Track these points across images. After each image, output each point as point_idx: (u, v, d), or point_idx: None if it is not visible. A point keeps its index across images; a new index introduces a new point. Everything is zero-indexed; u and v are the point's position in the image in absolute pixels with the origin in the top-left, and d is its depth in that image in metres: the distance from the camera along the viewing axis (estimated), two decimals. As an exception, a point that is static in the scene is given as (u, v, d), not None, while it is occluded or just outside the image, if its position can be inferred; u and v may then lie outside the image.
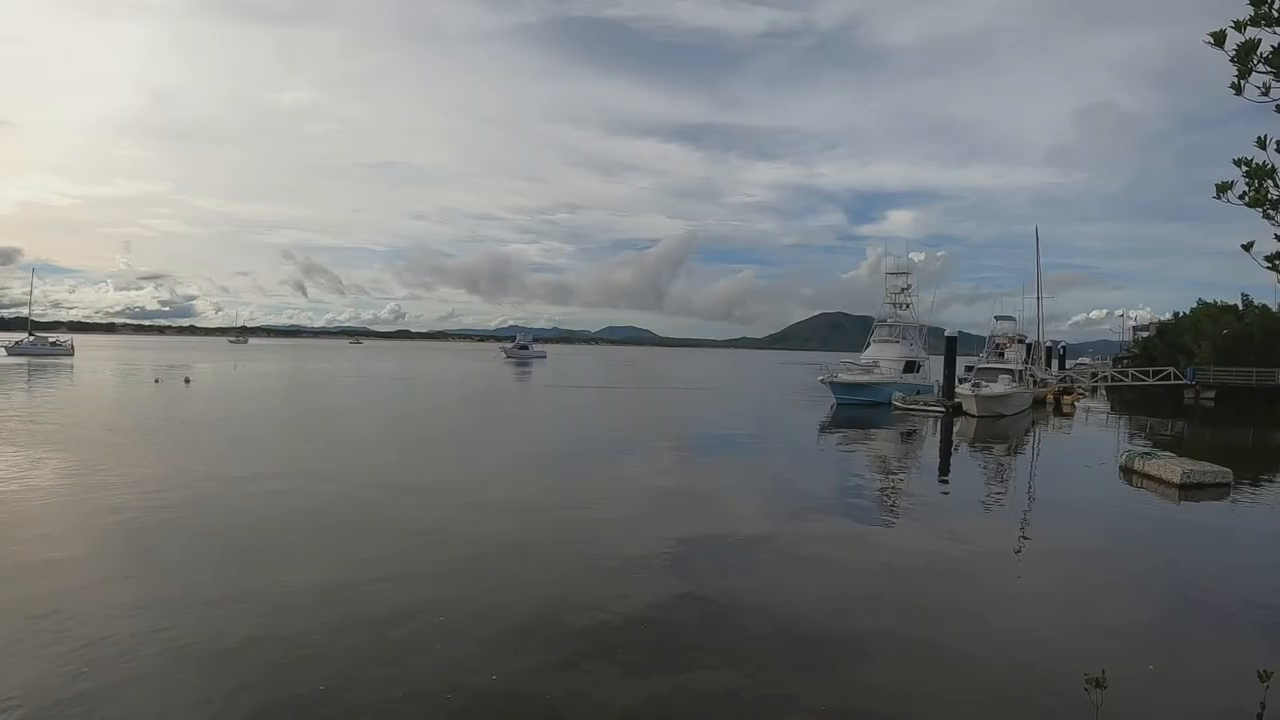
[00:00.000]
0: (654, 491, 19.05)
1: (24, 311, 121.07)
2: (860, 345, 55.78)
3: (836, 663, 8.79)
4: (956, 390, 42.96)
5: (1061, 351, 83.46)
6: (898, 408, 43.50)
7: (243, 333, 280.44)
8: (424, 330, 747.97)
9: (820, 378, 49.65)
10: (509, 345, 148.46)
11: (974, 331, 60.77)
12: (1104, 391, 64.41)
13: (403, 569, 11.85)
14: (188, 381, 56.62)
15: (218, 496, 16.87)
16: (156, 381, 56.00)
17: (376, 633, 9.29)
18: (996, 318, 57.12)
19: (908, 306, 54.84)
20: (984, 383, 42.91)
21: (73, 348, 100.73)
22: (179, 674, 8.08)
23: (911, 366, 50.43)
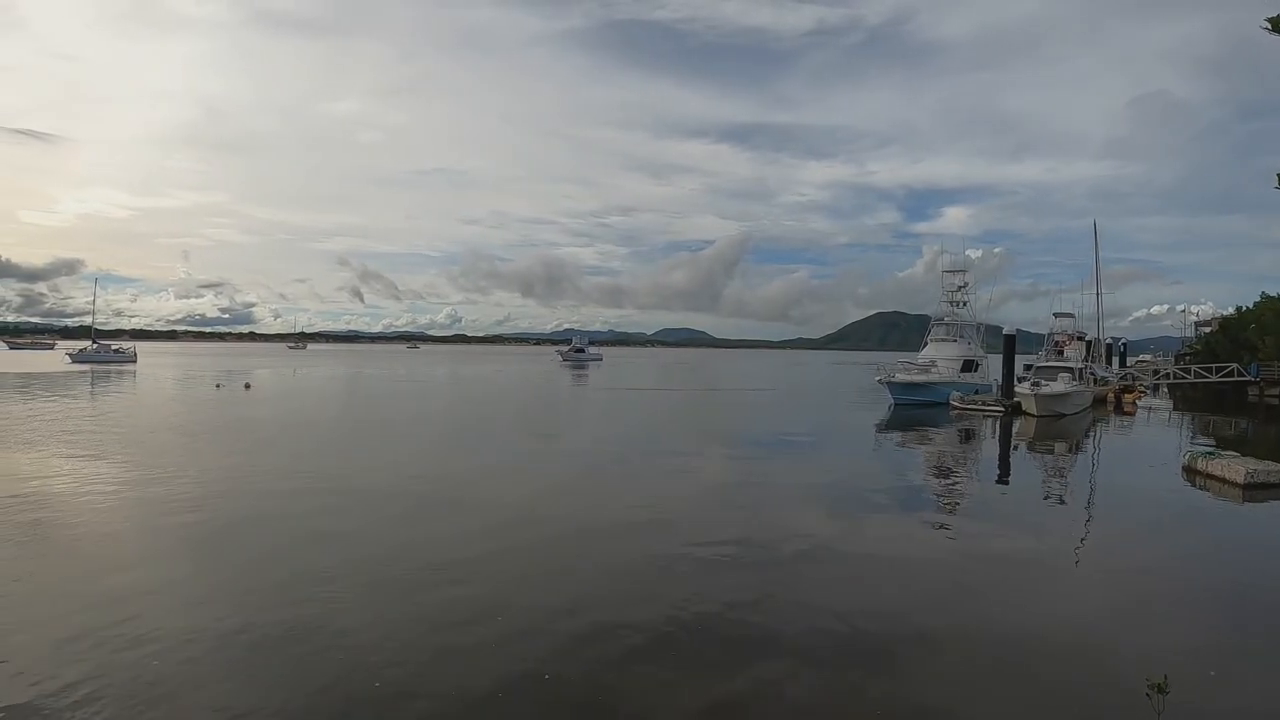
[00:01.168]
0: (713, 492, 19.31)
1: (87, 320, 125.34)
2: (917, 345, 55.14)
3: (895, 663, 8.78)
4: (1015, 389, 42.27)
5: (1122, 348, 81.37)
6: (956, 408, 43.07)
7: (301, 338, 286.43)
8: (480, 334, 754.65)
9: (877, 378, 49.39)
10: (565, 348, 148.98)
11: (1033, 329, 59.65)
12: (1166, 389, 63.02)
13: (461, 568, 12.07)
14: (248, 387, 57.29)
15: (279, 497, 17.39)
16: (218, 387, 56.87)
17: (435, 631, 9.46)
18: (1055, 315, 56.26)
19: (965, 304, 53.90)
20: (1043, 381, 42.27)
21: (135, 355, 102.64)
22: (240, 666, 8.35)
23: (969, 366, 49.67)
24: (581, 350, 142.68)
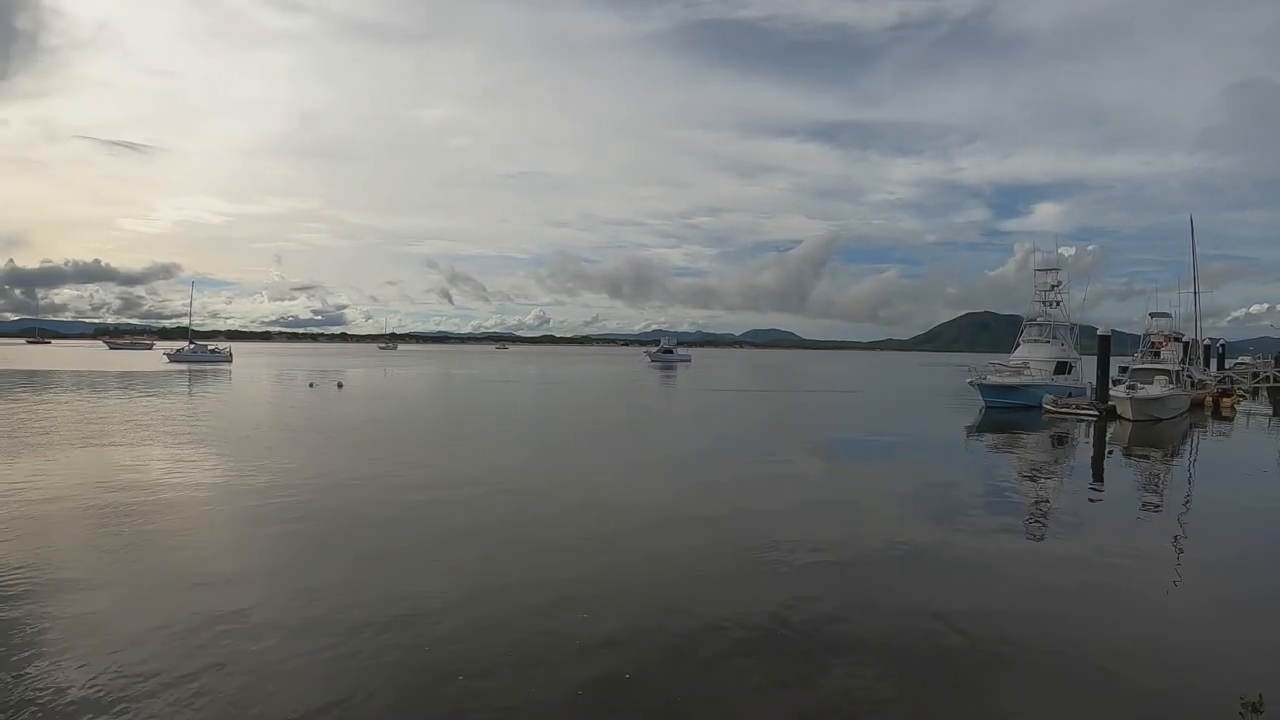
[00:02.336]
0: (800, 495, 19.25)
1: (184, 321, 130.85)
2: (1008, 346, 54.19)
3: (982, 674, 8.67)
4: (1110, 393, 41.25)
5: (1220, 350, 78.10)
6: (1048, 411, 42.37)
7: (392, 339, 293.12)
8: (568, 335, 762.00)
9: (968, 380, 48.74)
10: (653, 349, 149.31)
11: (1127, 330, 57.66)
12: (1266, 393, 60.59)
13: (544, 568, 12.24)
14: (340, 386, 58.61)
15: (369, 494, 17.98)
16: (311, 386, 58.07)
17: (518, 629, 9.62)
18: (1151, 315, 54.35)
19: (1058, 304, 52.42)
20: (1139, 384, 41.13)
21: (230, 355, 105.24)
22: (323, 659, 8.59)
23: (1063, 368, 48.57)
24: (670, 351, 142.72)
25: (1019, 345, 51.89)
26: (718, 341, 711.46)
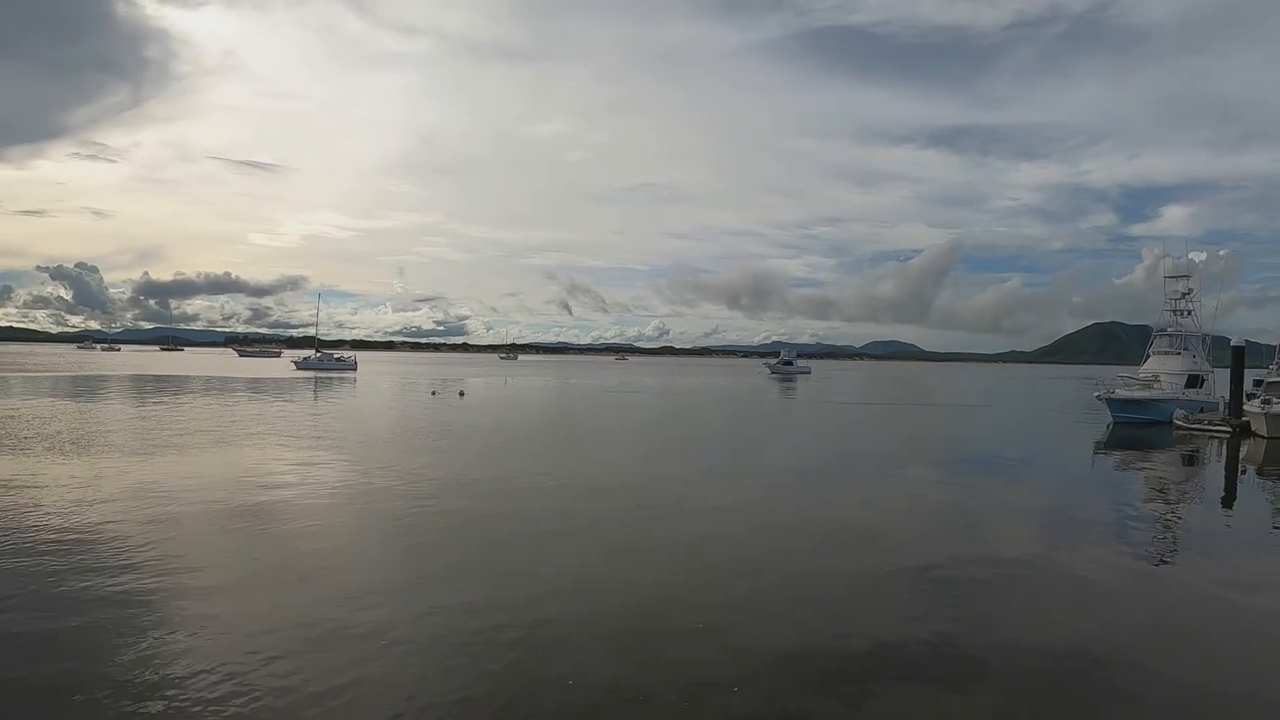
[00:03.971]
0: (919, 511, 19.05)
1: (311, 331, 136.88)
2: (1137, 357, 52.33)
3: (1102, 702, 8.35)
4: (1244, 407, 39.34)
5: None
6: (1179, 427, 40.74)
7: (513, 349, 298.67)
8: (688, 346, 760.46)
9: (1096, 394, 47.26)
10: (773, 361, 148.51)
11: (1263, 340, 54.67)
12: None
13: (658, 580, 12.31)
14: (462, 394, 59.22)
15: (490, 498, 18.46)
16: (433, 394, 59.20)
17: (631, 631, 9.81)
18: (1289, 323, 51.83)
19: (1189, 313, 49.93)
20: (1275, 399, 38.71)
21: (355, 363, 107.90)
22: (436, 656, 8.81)
23: (1194, 381, 46.49)
24: (790, 363, 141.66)
25: (1148, 357, 49.95)
26: (837, 353, 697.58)
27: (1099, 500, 21.76)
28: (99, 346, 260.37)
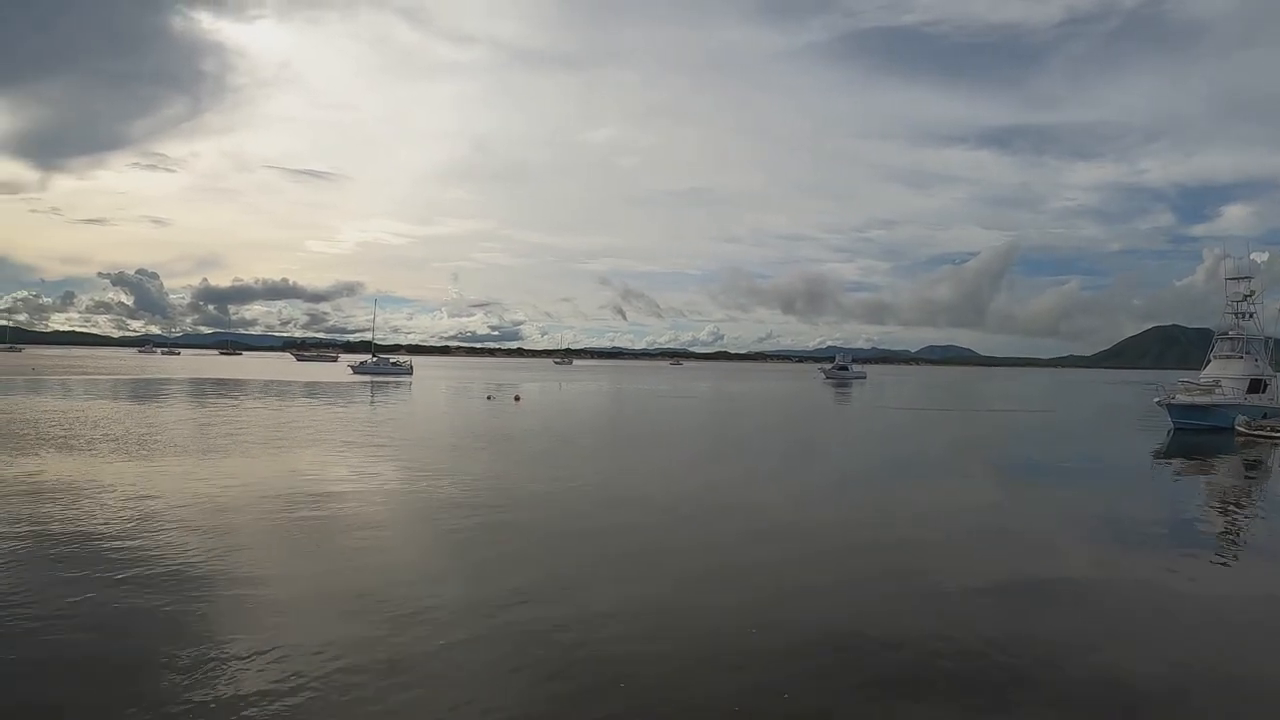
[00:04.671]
0: (973, 520, 18.66)
1: (367, 336, 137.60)
2: (1198, 361, 50.56)
3: (1160, 716, 8.19)
4: (1310, 414, 38.13)
5: None
6: (1241, 433, 39.62)
7: (567, 354, 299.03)
8: (742, 351, 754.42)
9: (1156, 399, 46.10)
10: (828, 366, 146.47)
11: (1327, 344, 53.26)
12: None
13: (713, 578, 12.45)
14: (518, 399, 59.38)
15: (557, 501, 18.59)
16: (488, 398, 59.42)
17: (684, 638, 9.75)
18: (1353, 326, 50.43)
19: (1251, 316, 48.13)
20: (1343, 405, 38.41)
21: (411, 368, 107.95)
22: (486, 658, 8.84)
23: (1257, 386, 45.00)
24: (845, 368, 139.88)
25: (1210, 361, 48.35)
26: (893, 358, 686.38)
27: (1158, 509, 21.35)
28: (159, 350, 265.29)
